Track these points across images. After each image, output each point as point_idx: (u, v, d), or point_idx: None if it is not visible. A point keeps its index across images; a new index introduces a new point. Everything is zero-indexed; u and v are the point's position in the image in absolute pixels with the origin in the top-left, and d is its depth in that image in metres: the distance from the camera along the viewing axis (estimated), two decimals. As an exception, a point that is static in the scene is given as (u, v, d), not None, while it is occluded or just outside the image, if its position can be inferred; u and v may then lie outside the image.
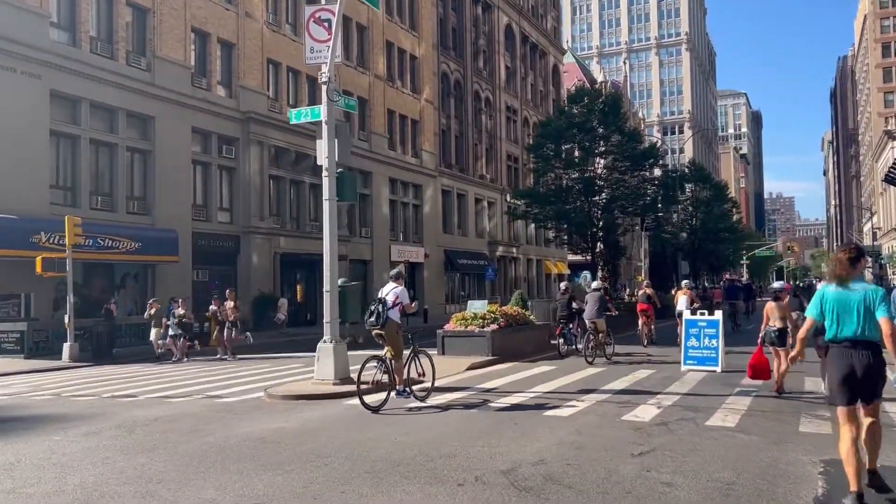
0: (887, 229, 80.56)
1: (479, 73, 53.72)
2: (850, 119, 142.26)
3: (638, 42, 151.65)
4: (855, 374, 5.32)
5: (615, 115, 29.36)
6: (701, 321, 14.32)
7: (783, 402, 10.04)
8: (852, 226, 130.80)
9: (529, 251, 59.93)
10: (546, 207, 30.16)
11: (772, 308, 11.29)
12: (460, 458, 6.77)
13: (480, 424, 8.62)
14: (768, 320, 11.27)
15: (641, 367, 14.56)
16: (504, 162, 56.91)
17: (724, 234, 52.76)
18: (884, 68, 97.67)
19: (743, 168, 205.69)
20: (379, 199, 40.45)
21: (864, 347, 5.34)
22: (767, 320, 11.29)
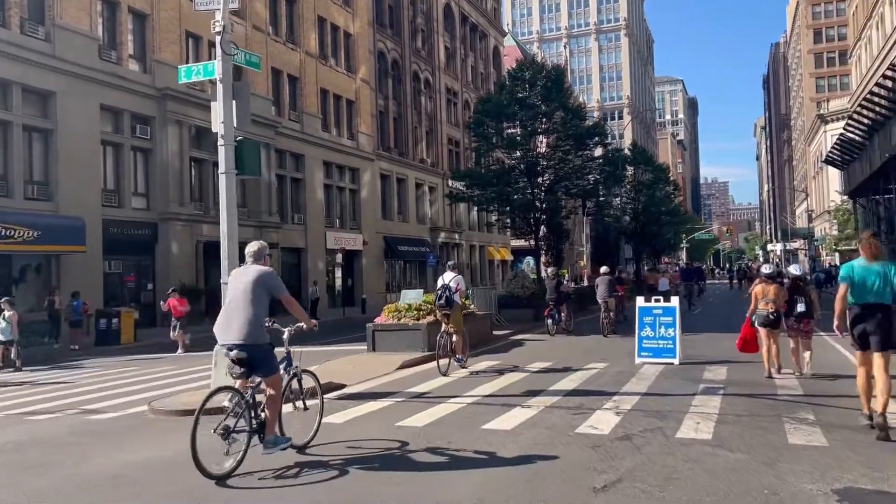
0: (820, 211, 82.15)
1: (418, 53, 51.82)
2: (782, 104, 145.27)
3: (578, 27, 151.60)
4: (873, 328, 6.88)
5: (558, 90, 27.89)
6: (656, 308, 13.00)
7: (757, 402, 8.71)
8: (785, 209, 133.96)
9: (472, 237, 58.56)
10: (487, 189, 28.58)
11: (765, 290, 10.93)
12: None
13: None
14: (758, 302, 10.92)
15: (592, 361, 13.16)
16: (445, 146, 55.26)
17: (667, 218, 52.30)
18: (815, 54, 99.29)
19: (680, 154, 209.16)
20: (312, 183, 38.30)
21: (879, 309, 6.89)
22: (756, 302, 10.94)
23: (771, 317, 10.71)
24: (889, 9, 44.50)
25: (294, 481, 5.86)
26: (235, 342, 5.99)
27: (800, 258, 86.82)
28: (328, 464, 6.30)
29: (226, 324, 6.12)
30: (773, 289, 10.88)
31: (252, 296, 6.11)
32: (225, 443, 5.72)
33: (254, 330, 6.02)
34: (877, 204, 35.60)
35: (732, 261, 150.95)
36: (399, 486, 5.56)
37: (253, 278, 6.19)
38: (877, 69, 47.41)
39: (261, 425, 6.06)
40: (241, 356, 5.98)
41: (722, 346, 15.41)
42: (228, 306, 6.23)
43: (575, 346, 16.01)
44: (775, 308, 10.72)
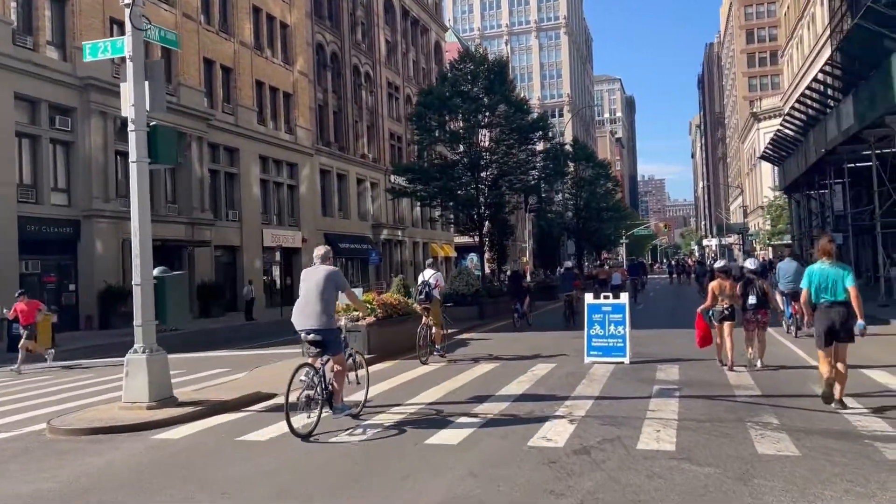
0: (754, 207, 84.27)
1: (358, 46, 50.70)
2: (716, 103, 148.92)
3: (518, 25, 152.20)
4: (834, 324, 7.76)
5: (501, 83, 27.31)
6: (605, 305, 12.48)
7: (716, 405, 8.22)
8: (720, 205, 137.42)
9: (415, 234, 57.79)
10: (430, 184, 27.81)
11: (721, 286, 11.14)
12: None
13: (334, 469, 6.19)
14: (715, 298, 11.08)
15: (539, 361, 12.57)
16: (387, 141, 54.29)
17: (608, 214, 52.59)
18: (748, 54, 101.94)
19: (619, 151, 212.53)
20: (248, 178, 36.87)
21: (837, 306, 7.78)
22: (714, 298, 11.08)
23: (726, 312, 10.93)
24: (820, 9, 45.59)
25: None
26: (311, 327, 7.47)
27: (734, 253, 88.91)
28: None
29: (302, 313, 7.54)
30: (729, 284, 11.10)
31: (323, 290, 7.50)
32: (307, 409, 7.16)
33: (325, 318, 7.50)
34: (811, 199, 36.30)
35: (669, 256, 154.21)
36: (332, 498, 4.78)
37: (324, 276, 7.58)
38: (808, 68, 48.59)
39: (330, 395, 7.52)
40: (315, 339, 7.48)
41: (670, 342, 15.10)
42: (303, 299, 7.59)
43: (521, 345, 15.43)
44: (731, 303, 10.96)
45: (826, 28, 42.97)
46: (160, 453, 6.94)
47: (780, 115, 68.64)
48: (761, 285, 11.29)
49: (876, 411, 7.65)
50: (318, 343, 7.50)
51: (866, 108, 20.46)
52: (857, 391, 8.78)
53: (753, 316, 11.03)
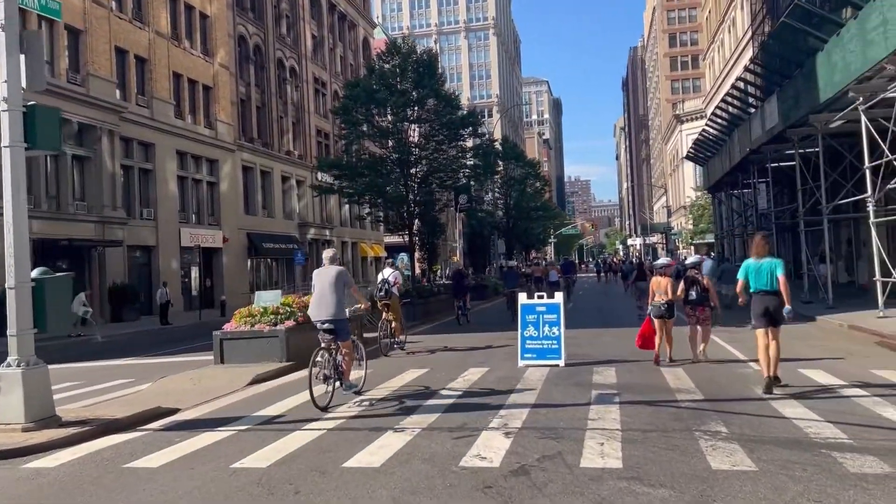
0: (677, 207, 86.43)
1: (283, 39, 49.11)
2: (640, 105, 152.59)
3: (447, 25, 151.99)
4: (768, 309, 8.63)
5: (430, 76, 26.51)
6: (539, 305, 11.89)
7: (659, 412, 7.69)
8: (644, 205, 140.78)
9: (344, 233, 56.52)
10: (357, 181, 26.75)
11: (658, 283, 11.31)
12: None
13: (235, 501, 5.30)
14: (654, 295, 11.26)
15: (471, 364, 11.90)
16: (313, 137, 52.84)
17: (537, 213, 52.64)
18: (671, 57, 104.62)
19: (546, 152, 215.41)
20: (164, 174, 35.00)
21: (768, 294, 8.66)
22: (654, 295, 11.27)
23: (662, 308, 11.11)
24: (740, 13, 46.79)
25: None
26: (325, 318, 8.83)
27: (658, 251, 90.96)
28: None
29: (317, 305, 8.97)
30: (665, 281, 11.25)
31: (335, 287, 8.87)
32: (324, 385, 8.64)
33: (337, 310, 8.84)
34: (734, 198, 37.04)
35: (595, 255, 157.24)
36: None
37: (335, 274, 8.97)
38: (729, 70, 49.90)
39: (340, 374, 8.91)
40: (329, 327, 8.83)
41: (603, 342, 14.72)
42: (317, 294, 9.00)
43: (453, 347, 14.74)
44: (667, 299, 11.10)
45: (747, 31, 44.09)
46: (29, 486, 5.89)
47: (702, 116, 70.56)
48: (702, 281, 11.35)
49: (822, 414, 7.27)
50: (330, 331, 8.88)
51: (790, 107, 20.69)
52: (797, 392, 8.46)
53: (693, 312, 11.24)
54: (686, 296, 11.16)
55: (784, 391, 8.53)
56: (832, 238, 20.74)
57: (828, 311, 18.44)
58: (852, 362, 10.95)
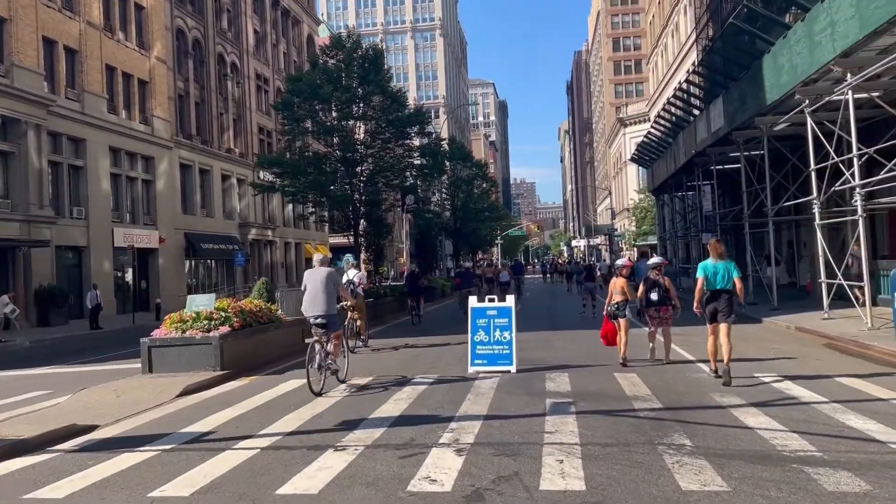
0: (620, 209, 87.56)
1: (224, 34, 47.63)
2: (584, 109, 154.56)
3: (394, 24, 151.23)
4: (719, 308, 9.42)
5: (376, 71, 25.72)
6: (490, 309, 11.40)
7: (619, 423, 7.28)
8: (588, 207, 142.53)
9: (287, 233, 55.21)
10: (299, 179, 25.74)
11: (614, 283, 11.35)
12: None
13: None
14: (612, 296, 11.27)
15: (420, 372, 11.34)
16: (255, 135, 51.44)
17: (484, 214, 52.41)
18: (614, 62, 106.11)
19: (492, 154, 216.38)
20: (96, 171, 33.37)
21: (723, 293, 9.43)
22: (611, 296, 11.28)
23: (613, 307, 11.19)
24: (683, 18, 47.48)
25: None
26: (318, 314, 9.74)
27: (602, 254, 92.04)
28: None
29: (311, 303, 9.82)
30: (621, 281, 11.26)
31: (326, 286, 9.80)
32: (318, 372, 9.54)
33: (328, 306, 9.78)
34: (676, 200, 37.43)
35: (540, 256, 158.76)
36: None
37: (325, 275, 9.91)
38: (673, 74, 50.65)
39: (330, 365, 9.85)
40: (322, 322, 9.73)
41: (554, 346, 14.36)
42: (310, 293, 9.84)
43: (401, 352, 14.16)
44: (622, 300, 11.14)
45: (690, 35, 44.73)
46: None
47: (645, 120, 71.63)
48: (664, 282, 11.27)
49: (785, 423, 6.97)
50: (323, 325, 9.79)
51: (736, 109, 20.79)
52: (756, 399, 8.18)
53: (656, 313, 11.24)
54: (647, 297, 11.17)
55: (742, 399, 8.25)
56: (771, 241, 20.86)
57: (773, 313, 18.54)
58: (805, 366, 10.80)
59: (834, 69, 14.06)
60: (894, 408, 7.67)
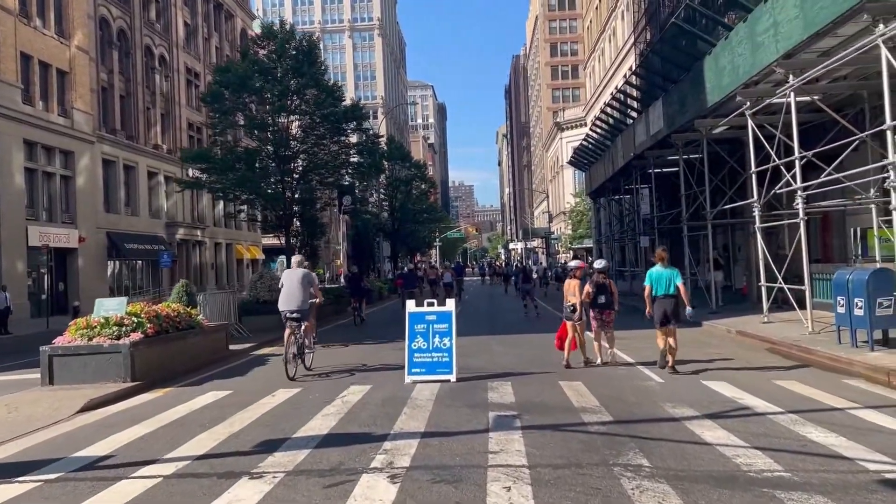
0: (557, 212, 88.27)
1: (151, 25, 45.56)
2: (522, 113, 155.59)
3: (332, 23, 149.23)
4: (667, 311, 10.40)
5: (310, 64, 24.56)
6: (429, 314, 10.68)
7: (568, 440, 6.67)
8: (525, 210, 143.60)
9: (217, 234, 53.22)
10: (228, 175, 24.34)
11: (568, 285, 11.33)
12: None
13: None
14: (566, 297, 11.26)
15: (353, 382, 10.54)
16: (185, 131, 49.39)
17: (423, 216, 51.69)
18: (552, 66, 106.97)
19: (431, 157, 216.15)
20: (9, 166, 31.17)
21: (668, 298, 10.45)
22: (565, 297, 11.27)
23: (568, 309, 11.12)
24: (621, 23, 47.90)
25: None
26: (294, 309, 11.30)
27: (538, 257, 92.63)
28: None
29: (287, 300, 11.40)
30: (574, 283, 11.21)
31: (302, 285, 11.43)
32: (294, 360, 11.14)
33: (302, 303, 11.35)
34: (613, 203, 37.58)
35: (478, 259, 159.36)
36: None
37: (301, 275, 11.58)
38: (610, 78, 51.10)
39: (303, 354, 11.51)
40: (296, 316, 11.30)
41: (494, 352, 13.77)
42: (287, 290, 11.47)
43: (332, 360, 13.29)
44: (573, 302, 11.05)
45: (628, 40, 45.11)
46: None
47: (582, 125, 72.30)
48: (610, 286, 11.40)
49: (745, 438, 6.50)
50: (297, 319, 11.17)
51: (676, 111, 20.69)
52: (709, 409, 7.72)
53: (599, 315, 11.31)
54: (595, 299, 11.20)
55: (696, 410, 7.79)
56: (710, 243, 20.86)
57: (712, 317, 18.42)
58: (752, 372, 10.49)
59: (777, 70, 13.92)
60: (851, 418, 7.32)
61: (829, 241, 20.21)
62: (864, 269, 12.26)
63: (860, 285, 11.30)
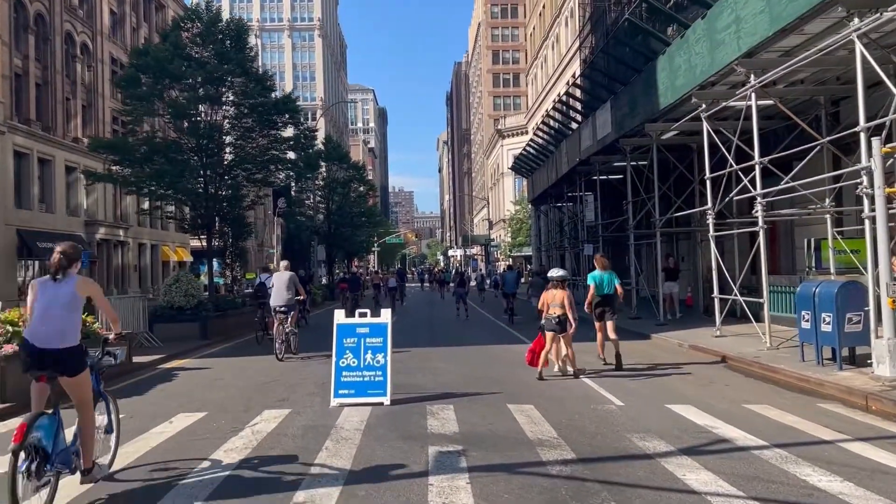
0: (497, 220, 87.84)
1: (74, 11, 42.69)
2: (464, 120, 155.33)
3: (271, 21, 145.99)
4: (606, 309, 11.88)
5: (239, 49, 22.60)
6: (360, 326, 9.32)
7: (527, 487, 5.45)
8: (465, 217, 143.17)
9: (142, 234, 50.33)
10: (142, 166, 22.10)
11: (552, 296, 10.74)
12: None
13: None
14: (548, 308, 10.69)
15: (268, 405, 9.11)
16: (108, 124, 46.46)
17: (361, 219, 49.98)
18: (494, 73, 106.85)
19: (371, 161, 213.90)
20: None
21: (603, 298, 12.02)
22: (548, 308, 10.72)
23: (554, 321, 10.57)
24: (564, 29, 47.52)
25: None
26: (283, 304, 13.56)
27: (478, 264, 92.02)
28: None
29: (278, 296, 13.65)
30: (561, 293, 10.70)
31: (288, 285, 13.68)
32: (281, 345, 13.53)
33: (289, 300, 13.68)
34: (558, 210, 36.90)
35: (417, 265, 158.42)
36: None
37: (288, 277, 13.80)
38: (553, 85, 50.68)
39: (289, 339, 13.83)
40: (284, 309, 13.59)
41: (436, 367, 12.48)
42: (276, 290, 13.71)
43: (250, 377, 11.78)
44: (562, 312, 10.54)
45: (571, 47, 44.69)
46: None
47: (523, 132, 72.00)
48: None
49: (734, 482, 5.42)
50: (284, 311, 13.57)
51: (625, 115, 19.90)
52: (684, 443, 6.63)
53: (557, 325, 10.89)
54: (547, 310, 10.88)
55: (668, 443, 6.69)
56: (658, 252, 20.10)
57: (660, 329, 17.62)
58: (716, 394, 9.52)
59: (737, 69, 13.11)
60: (847, 455, 6.34)
61: (776, 252, 19.72)
62: (833, 282, 11.50)
63: (828, 299, 10.50)
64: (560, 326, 10.51)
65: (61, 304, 5.17)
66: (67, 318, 5.23)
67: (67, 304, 5.23)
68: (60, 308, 5.16)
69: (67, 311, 5.23)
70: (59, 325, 5.16)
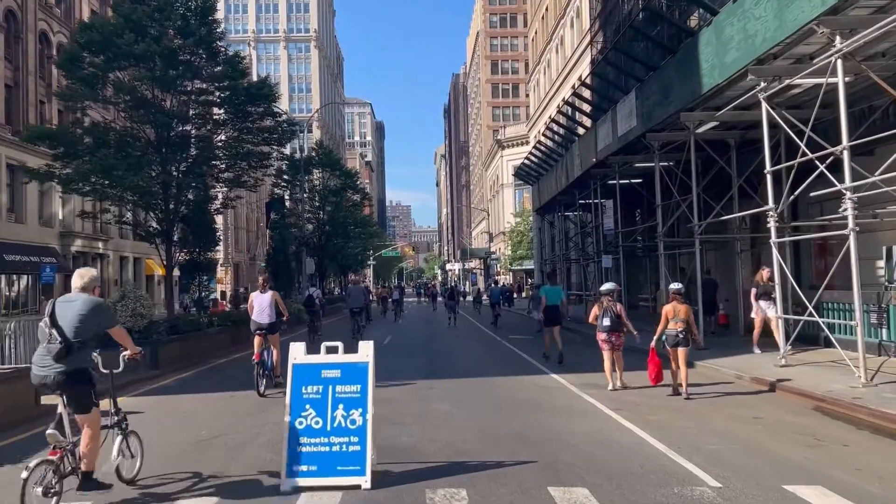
0: (497, 232, 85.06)
1: (49, 9, 40.08)
2: (462, 132, 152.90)
3: (266, 33, 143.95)
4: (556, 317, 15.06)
5: (205, 25, 19.30)
6: (329, 368, 6.38)
7: None
8: (463, 230, 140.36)
9: (124, 246, 47.37)
10: (87, 160, 18.82)
11: (673, 310, 10.39)
12: None
13: None
14: (668, 322, 10.39)
15: (201, 480, 6.22)
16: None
17: (355, 230, 47.02)
18: (492, 84, 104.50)
19: (368, 175, 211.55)
20: None
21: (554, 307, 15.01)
22: (667, 322, 10.40)
23: (680, 336, 10.33)
24: (569, 31, 45.00)
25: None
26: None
27: (477, 278, 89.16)
28: None
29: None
30: (684, 308, 10.41)
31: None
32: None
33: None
34: (567, 220, 34.12)
35: (415, 279, 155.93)
36: None
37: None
38: (557, 90, 48.06)
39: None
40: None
41: (437, 410, 9.56)
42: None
43: (192, 426, 8.88)
44: (685, 327, 10.34)
45: (577, 48, 42.12)
46: None
47: (524, 142, 69.34)
48: (615, 308, 11.06)
49: None
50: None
51: (656, 103, 17.11)
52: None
53: (608, 338, 11.04)
54: (601, 323, 11.11)
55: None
56: (698, 263, 17.25)
57: (702, 354, 14.66)
58: (838, 459, 6.67)
59: (818, 30, 10.34)
60: None
61: (826, 265, 16.84)
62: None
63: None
64: (685, 341, 10.30)
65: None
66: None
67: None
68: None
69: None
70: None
